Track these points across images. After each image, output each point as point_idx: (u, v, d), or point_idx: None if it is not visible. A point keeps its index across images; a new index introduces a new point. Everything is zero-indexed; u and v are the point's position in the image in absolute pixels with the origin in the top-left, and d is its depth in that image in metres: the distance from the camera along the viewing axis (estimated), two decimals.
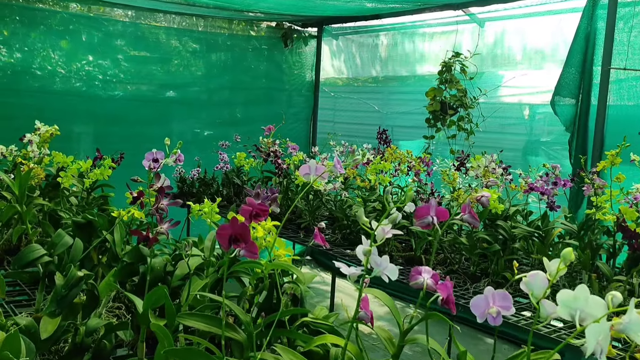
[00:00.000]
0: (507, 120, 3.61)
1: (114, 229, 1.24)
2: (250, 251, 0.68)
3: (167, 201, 0.97)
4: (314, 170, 0.93)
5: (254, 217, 0.70)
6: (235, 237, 0.67)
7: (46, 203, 1.56)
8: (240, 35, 4.16)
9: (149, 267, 1.10)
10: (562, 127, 3.40)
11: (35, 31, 3.39)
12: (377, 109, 4.88)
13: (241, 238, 0.67)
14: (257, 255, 0.69)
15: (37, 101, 3.45)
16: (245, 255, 0.69)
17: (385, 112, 4.79)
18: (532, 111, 3.71)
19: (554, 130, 3.51)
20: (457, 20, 3.46)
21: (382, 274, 0.70)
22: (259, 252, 0.94)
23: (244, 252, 0.68)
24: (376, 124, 4.97)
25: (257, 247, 0.69)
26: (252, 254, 0.68)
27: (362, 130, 4.92)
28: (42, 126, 1.97)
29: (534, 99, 3.63)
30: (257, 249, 0.69)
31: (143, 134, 3.75)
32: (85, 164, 1.53)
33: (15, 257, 1.02)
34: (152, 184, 0.97)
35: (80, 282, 0.98)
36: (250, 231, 0.69)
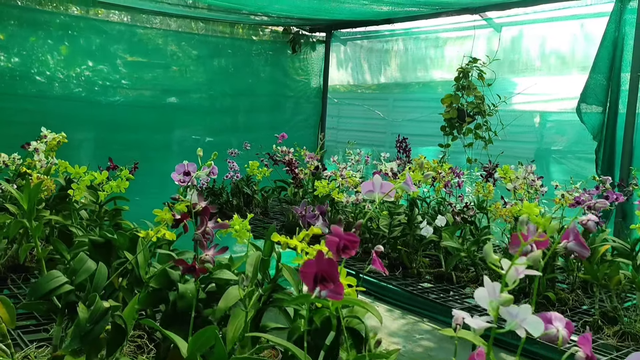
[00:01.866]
0: (518, 128, 3.51)
1: (137, 249, 1.11)
2: (336, 292, 0.56)
3: (212, 223, 0.84)
4: (379, 188, 0.81)
5: (342, 250, 0.58)
6: (322, 276, 0.54)
7: (55, 217, 1.43)
8: (244, 40, 4.04)
9: (179, 294, 0.98)
10: (574, 135, 3.31)
11: (33, 35, 3.26)
12: (383, 116, 4.78)
13: (329, 277, 0.54)
14: (342, 296, 0.57)
15: (36, 106, 3.31)
16: (329, 296, 0.56)
17: (391, 119, 4.68)
18: (544, 119, 3.61)
19: (565, 138, 3.42)
20: (473, 25, 3.36)
21: (519, 327, 0.58)
22: None
23: (327, 294, 0.56)
24: (381, 132, 4.88)
25: (343, 288, 0.57)
26: (337, 295, 0.56)
27: (366, 137, 4.82)
28: (49, 133, 1.84)
29: (549, 106, 3.54)
30: (343, 290, 0.57)
31: (145, 141, 3.61)
32: (100, 176, 1.40)
33: (32, 286, 0.89)
34: (194, 204, 0.84)
35: (106, 315, 0.85)
36: (338, 269, 0.57)
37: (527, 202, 1.66)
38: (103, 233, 1.16)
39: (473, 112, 3.15)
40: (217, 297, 1.11)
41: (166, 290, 1.05)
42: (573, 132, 3.37)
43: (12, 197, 1.84)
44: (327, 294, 0.56)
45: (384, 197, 0.80)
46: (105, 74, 3.50)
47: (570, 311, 1.70)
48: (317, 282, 0.55)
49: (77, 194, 1.43)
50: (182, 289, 0.98)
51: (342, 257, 0.58)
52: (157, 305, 1.05)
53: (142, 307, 1.03)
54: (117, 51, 3.52)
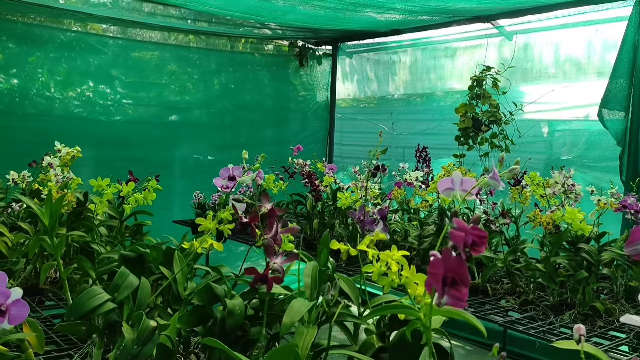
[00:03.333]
0: (527, 138, 3.45)
1: (174, 263, 1.02)
2: (459, 299, 0.47)
3: (274, 229, 0.75)
4: (459, 184, 0.73)
5: (471, 247, 0.50)
6: (452, 278, 0.46)
7: (78, 233, 1.34)
8: (248, 54, 3.98)
9: (227, 310, 0.88)
10: (585, 144, 3.26)
11: (33, 55, 3.19)
12: (387, 129, 4.72)
13: (459, 279, 0.46)
14: (465, 303, 0.48)
15: (38, 125, 3.23)
16: (450, 304, 0.48)
17: (397, 132, 4.63)
18: (554, 127, 3.56)
19: (577, 147, 3.37)
20: (485, 34, 3.32)
21: None
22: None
23: (449, 300, 0.47)
24: (385, 145, 4.79)
25: (467, 292, 0.48)
26: (459, 302, 0.48)
27: (365, 152, 4.74)
28: (63, 148, 1.76)
29: (561, 114, 3.49)
30: (466, 295, 0.48)
31: (147, 158, 3.53)
32: (126, 187, 1.31)
33: (72, 305, 0.80)
34: (259, 205, 0.75)
35: (154, 335, 0.76)
36: (467, 269, 0.49)
37: (569, 208, 1.59)
38: (135, 247, 1.07)
39: (489, 120, 3.10)
40: (262, 314, 1.02)
41: (209, 308, 0.95)
42: (584, 141, 3.32)
43: (26, 216, 1.74)
44: (449, 302, 0.47)
45: (465, 196, 0.72)
46: (106, 91, 3.42)
47: (617, 322, 1.61)
48: (446, 285, 0.47)
49: (100, 207, 1.35)
50: (230, 305, 0.89)
51: (471, 255, 0.49)
52: (200, 324, 0.96)
53: (184, 326, 0.93)
54: (117, 68, 3.45)
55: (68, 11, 3.16)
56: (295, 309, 0.75)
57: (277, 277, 0.72)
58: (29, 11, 3.10)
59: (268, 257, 0.74)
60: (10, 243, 1.51)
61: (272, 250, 0.74)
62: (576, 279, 1.63)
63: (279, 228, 0.74)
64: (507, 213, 1.81)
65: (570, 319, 1.61)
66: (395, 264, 0.72)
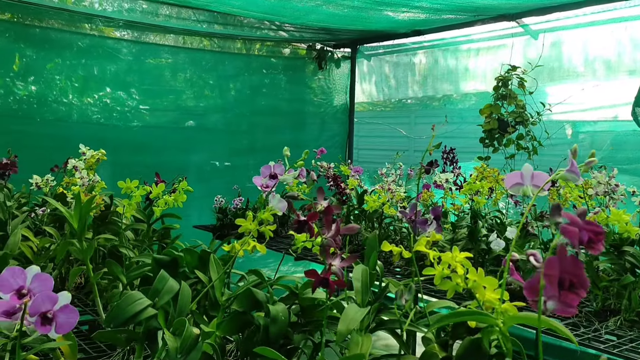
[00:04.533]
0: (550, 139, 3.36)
1: (210, 268, 0.97)
2: (570, 305, 0.41)
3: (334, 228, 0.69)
4: (529, 179, 0.67)
5: (587, 245, 0.44)
6: (570, 280, 0.40)
7: (108, 236, 1.30)
8: (265, 58, 3.95)
9: (271, 317, 0.83)
10: (610, 145, 3.18)
11: (50, 62, 3.19)
12: (405, 133, 4.66)
13: (577, 282, 0.40)
14: (575, 309, 0.43)
15: (57, 131, 3.22)
16: (558, 310, 0.42)
17: (415, 136, 4.56)
18: (577, 129, 3.48)
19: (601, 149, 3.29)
20: (510, 32, 3.25)
21: None
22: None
23: (558, 307, 0.41)
24: (403, 148, 4.74)
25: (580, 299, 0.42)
26: (569, 308, 0.42)
27: (386, 156, 4.68)
28: (87, 150, 1.72)
29: (587, 115, 3.40)
30: (577, 301, 0.42)
31: (164, 163, 3.49)
32: (156, 189, 1.27)
33: (111, 311, 0.75)
34: (315, 203, 0.70)
35: (197, 343, 0.71)
36: (584, 269, 0.43)
37: (615, 210, 1.51)
38: (169, 251, 1.02)
39: (515, 121, 3.02)
40: (303, 321, 0.96)
41: (250, 314, 0.90)
42: (609, 142, 3.23)
43: (50, 220, 1.71)
44: (556, 307, 0.42)
45: (538, 192, 0.66)
46: (122, 96, 3.41)
47: None
48: (562, 288, 0.41)
49: (128, 210, 1.30)
50: (273, 312, 0.84)
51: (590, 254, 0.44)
52: (240, 331, 0.91)
53: (223, 333, 0.88)
54: (133, 74, 3.43)
55: (84, 14, 3.15)
56: (350, 315, 0.69)
57: (340, 280, 0.66)
58: (47, 15, 3.10)
59: (326, 258, 0.68)
60: (35, 248, 1.48)
61: (328, 251, 0.68)
62: (621, 283, 1.55)
63: (339, 227, 0.68)
64: (546, 215, 1.73)
65: (616, 326, 1.53)
66: (461, 267, 0.66)
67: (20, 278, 0.60)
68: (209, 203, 3.00)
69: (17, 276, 0.60)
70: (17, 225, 1.43)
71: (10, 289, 0.59)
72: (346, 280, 0.77)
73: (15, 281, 0.59)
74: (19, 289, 0.59)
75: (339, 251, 0.68)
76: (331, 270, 0.67)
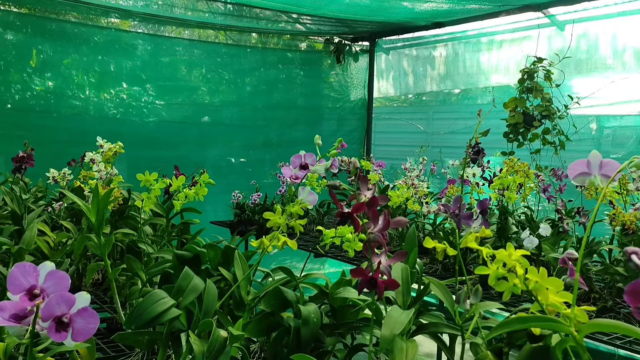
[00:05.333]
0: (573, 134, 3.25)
1: (235, 264, 0.91)
2: None
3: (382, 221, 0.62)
4: (597, 168, 0.59)
5: None
6: None
7: (127, 230, 1.25)
8: (279, 52, 3.89)
9: (302, 319, 0.77)
10: (635, 140, 3.07)
11: (67, 57, 3.16)
12: (423, 129, 4.57)
13: None
14: None
15: (74, 126, 3.20)
16: None
17: (432, 132, 4.47)
18: (601, 124, 3.38)
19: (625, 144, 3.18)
20: (536, 24, 3.15)
21: None
22: None
23: None
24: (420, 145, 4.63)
25: None
26: None
27: (403, 152, 4.59)
28: (105, 143, 1.68)
29: (613, 109, 3.29)
30: None
31: (180, 157, 3.46)
32: (176, 182, 1.21)
33: (133, 312, 0.69)
34: (359, 193, 0.63)
35: (225, 347, 0.65)
36: None
37: None
38: (191, 246, 0.97)
39: (541, 115, 2.92)
40: (333, 322, 0.90)
41: (279, 315, 0.84)
42: (635, 138, 3.13)
43: (67, 215, 1.67)
44: None
45: (609, 183, 0.58)
46: (138, 91, 3.37)
47: None
48: None
49: (147, 204, 1.25)
50: (305, 313, 0.77)
51: None
52: (268, 333, 0.84)
53: (250, 335, 0.82)
54: (149, 69, 3.39)
55: (101, 6, 3.12)
56: (394, 318, 0.63)
57: (392, 281, 0.59)
58: (63, 9, 3.07)
59: (371, 256, 0.61)
60: (52, 243, 1.43)
61: (372, 247, 0.61)
62: None
63: (389, 220, 0.61)
64: (582, 211, 1.65)
65: None
66: (520, 266, 0.59)
67: (32, 276, 0.52)
68: (224, 199, 2.96)
69: (28, 274, 0.52)
70: (33, 219, 1.38)
71: (20, 288, 0.52)
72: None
73: (26, 280, 0.52)
74: (30, 289, 0.51)
75: (385, 247, 0.61)
76: (380, 269, 0.60)
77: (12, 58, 3.00)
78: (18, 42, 2.99)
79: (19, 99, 3.07)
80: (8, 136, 3.00)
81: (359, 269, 0.60)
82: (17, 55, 3.00)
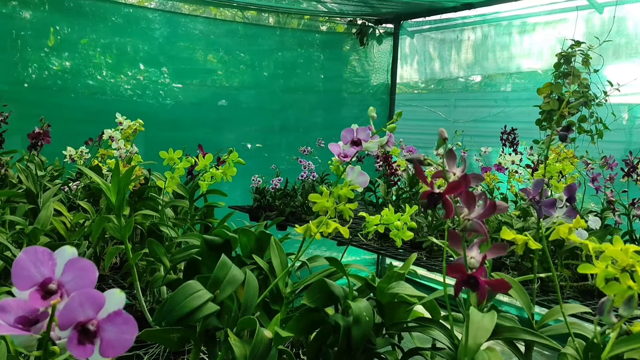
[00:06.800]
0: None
1: (271, 252, 0.81)
2: None
3: (483, 206, 0.50)
4: None
5: None
6: None
7: (148, 212, 1.15)
8: (299, 33, 3.75)
9: (354, 317, 0.66)
10: None
11: (85, 37, 3.08)
12: (444, 116, 4.43)
13: None
14: None
15: (91, 104, 3.13)
16: None
17: (454, 120, 4.32)
18: (633, 113, 3.22)
19: None
20: (574, 5, 2.99)
21: None
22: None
23: None
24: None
25: None
26: None
27: (423, 140, 4.45)
28: (125, 120, 1.58)
29: None
30: None
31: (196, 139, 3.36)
32: (203, 160, 1.11)
33: (163, 306, 0.59)
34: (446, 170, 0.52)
35: (270, 350, 0.55)
36: None
37: None
38: (221, 230, 0.87)
39: (578, 102, 2.77)
40: (382, 320, 0.80)
41: (324, 311, 0.74)
42: None
43: (84, 195, 1.58)
44: None
45: None
46: (155, 72, 3.28)
47: None
48: None
49: (170, 184, 1.15)
50: (356, 310, 0.67)
51: None
52: (311, 331, 0.75)
53: (291, 333, 0.72)
54: (166, 50, 3.30)
55: None
56: (475, 323, 0.52)
57: (501, 281, 0.47)
58: None
59: (458, 248, 0.50)
60: (69, 224, 1.35)
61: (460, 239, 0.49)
62: None
63: (493, 204, 0.50)
64: (637, 203, 1.52)
65: None
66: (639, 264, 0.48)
67: (46, 265, 0.37)
68: (241, 183, 2.86)
69: (41, 262, 0.37)
70: (49, 198, 1.30)
71: (30, 282, 0.37)
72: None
73: (38, 270, 0.37)
74: (44, 283, 0.37)
75: (486, 236, 0.50)
76: (471, 264, 0.49)
77: (30, 37, 2.92)
78: (36, 21, 2.91)
79: (35, 78, 3.01)
80: (25, 114, 2.92)
81: (456, 266, 0.49)
82: (35, 34, 2.92)
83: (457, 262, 0.49)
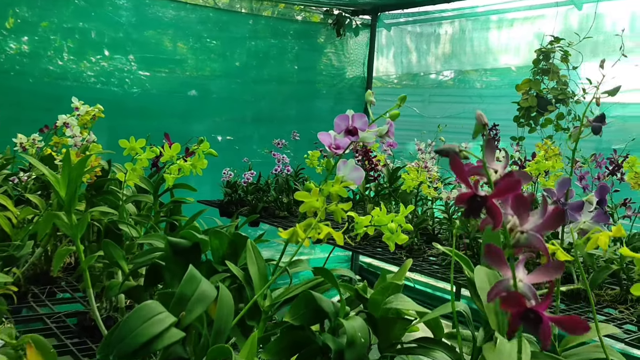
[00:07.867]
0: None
1: (247, 257, 0.70)
2: None
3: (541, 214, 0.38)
4: None
5: None
6: None
7: (105, 209, 1.02)
8: (273, 22, 3.62)
9: (348, 338, 0.56)
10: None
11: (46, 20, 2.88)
12: (418, 112, 4.37)
13: None
14: None
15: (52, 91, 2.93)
16: None
17: (428, 116, 4.26)
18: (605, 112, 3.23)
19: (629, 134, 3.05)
20: (554, 1, 2.95)
21: None
22: None
23: None
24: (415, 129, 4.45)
25: None
26: None
27: (397, 136, 4.36)
28: (82, 105, 1.43)
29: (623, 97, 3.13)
30: None
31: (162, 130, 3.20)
32: (169, 151, 0.98)
33: (112, 333, 0.47)
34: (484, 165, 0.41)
35: None
36: None
37: None
38: (189, 232, 0.75)
39: (556, 99, 2.74)
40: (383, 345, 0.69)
41: (309, 330, 0.63)
42: None
43: (36, 188, 1.43)
44: None
45: None
46: (120, 59, 3.10)
47: None
48: None
49: (131, 177, 1.02)
50: (350, 330, 0.57)
51: None
52: (294, 354, 0.64)
53: (269, 357, 0.61)
54: (131, 35, 3.11)
55: None
56: (506, 354, 0.42)
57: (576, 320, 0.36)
58: None
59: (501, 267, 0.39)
60: (15, 220, 1.20)
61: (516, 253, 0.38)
62: None
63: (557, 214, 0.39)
64: (629, 202, 1.47)
65: None
66: None
67: None
68: (211, 177, 2.71)
69: None
70: None
71: None
72: None
73: None
74: None
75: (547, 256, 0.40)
76: (520, 289, 0.38)
77: None
78: None
79: None
80: None
81: (515, 297, 0.37)
82: None
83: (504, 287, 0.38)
